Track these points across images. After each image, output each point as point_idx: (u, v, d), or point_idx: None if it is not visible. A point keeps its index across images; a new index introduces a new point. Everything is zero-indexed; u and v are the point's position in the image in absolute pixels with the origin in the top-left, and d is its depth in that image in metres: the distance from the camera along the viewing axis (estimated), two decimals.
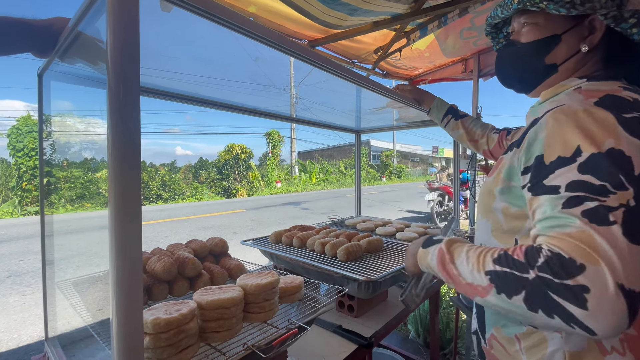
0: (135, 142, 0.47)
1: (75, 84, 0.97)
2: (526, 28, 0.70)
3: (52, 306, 1.03)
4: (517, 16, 0.73)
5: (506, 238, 0.66)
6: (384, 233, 1.62)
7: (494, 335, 0.69)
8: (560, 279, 0.45)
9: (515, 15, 0.73)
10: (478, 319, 0.76)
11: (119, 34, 0.45)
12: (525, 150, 0.58)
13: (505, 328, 0.67)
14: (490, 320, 0.71)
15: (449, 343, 2.36)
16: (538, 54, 0.69)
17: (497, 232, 0.68)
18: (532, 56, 0.70)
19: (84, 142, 13.96)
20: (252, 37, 0.74)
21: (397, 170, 28.28)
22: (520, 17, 0.71)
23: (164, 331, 0.55)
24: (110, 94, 0.45)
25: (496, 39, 0.89)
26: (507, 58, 0.77)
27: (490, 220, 0.70)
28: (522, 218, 0.63)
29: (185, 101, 1.37)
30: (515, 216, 0.64)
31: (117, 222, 0.45)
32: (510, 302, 0.49)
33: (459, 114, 1.27)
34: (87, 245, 5.30)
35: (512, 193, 0.63)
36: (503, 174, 0.65)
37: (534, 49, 0.69)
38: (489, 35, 0.90)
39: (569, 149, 0.51)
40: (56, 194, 10.29)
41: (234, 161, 15.24)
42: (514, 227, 0.65)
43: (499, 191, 0.66)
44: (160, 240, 5.62)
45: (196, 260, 0.92)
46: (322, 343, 1.00)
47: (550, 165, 0.53)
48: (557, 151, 0.53)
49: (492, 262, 0.52)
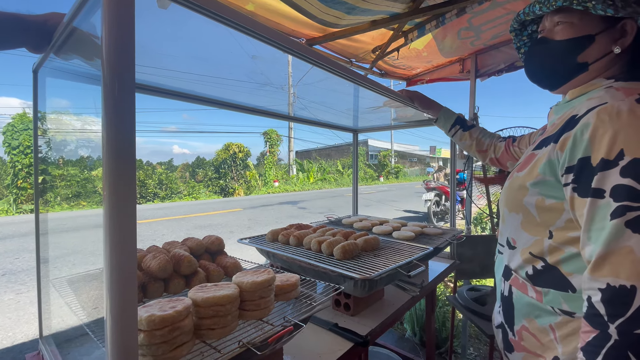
0: (130, 139, 0.47)
1: (71, 80, 0.97)
2: (560, 26, 0.72)
3: (46, 304, 1.02)
4: (550, 15, 0.74)
5: (538, 230, 0.69)
6: (380, 232, 1.62)
7: (525, 327, 0.70)
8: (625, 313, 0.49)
9: (548, 13, 0.74)
10: (505, 313, 0.77)
11: (114, 30, 0.45)
12: (569, 148, 0.60)
13: (540, 319, 0.68)
14: (522, 312, 0.71)
15: (445, 342, 2.37)
16: (572, 52, 0.70)
17: (528, 224, 0.71)
18: (566, 53, 0.71)
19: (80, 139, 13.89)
20: (251, 34, 0.73)
21: (394, 170, 28.34)
22: (555, 16, 0.73)
23: (159, 328, 0.55)
24: (105, 90, 0.45)
25: (519, 36, 0.91)
26: (540, 54, 0.77)
27: (520, 213, 0.72)
28: (557, 210, 0.65)
29: (182, 99, 1.37)
30: (549, 209, 0.66)
31: (112, 219, 0.45)
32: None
33: (467, 125, 1.27)
34: (82, 244, 5.27)
35: (548, 186, 0.65)
36: (539, 168, 0.66)
37: (568, 47, 0.71)
38: (513, 32, 0.90)
39: (613, 152, 0.53)
40: (52, 192, 10.22)
41: (232, 160, 15.22)
42: (548, 220, 0.67)
43: (532, 184, 0.68)
44: (157, 238, 5.60)
45: (192, 258, 0.92)
46: (318, 341, 1.00)
47: (595, 168, 0.55)
48: (601, 153, 0.55)
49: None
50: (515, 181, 0.74)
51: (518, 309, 0.73)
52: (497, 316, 0.83)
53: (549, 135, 0.68)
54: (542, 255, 0.68)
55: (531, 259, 0.70)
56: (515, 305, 0.73)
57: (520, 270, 0.73)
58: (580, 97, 0.71)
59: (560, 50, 0.72)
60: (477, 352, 2.40)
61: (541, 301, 0.67)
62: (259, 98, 1.52)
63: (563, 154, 0.61)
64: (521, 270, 0.72)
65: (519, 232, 0.73)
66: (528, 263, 0.71)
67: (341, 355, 0.93)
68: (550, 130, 0.71)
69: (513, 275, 0.74)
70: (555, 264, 0.66)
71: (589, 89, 0.70)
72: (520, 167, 0.74)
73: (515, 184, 0.73)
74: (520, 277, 0.72)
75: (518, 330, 0.72)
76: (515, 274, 0.74)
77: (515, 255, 0.75)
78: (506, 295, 0.76)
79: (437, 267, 1.70)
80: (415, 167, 36.20)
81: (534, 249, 0.70)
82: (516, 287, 0.73)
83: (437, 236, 1.59)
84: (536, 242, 0.69)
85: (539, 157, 0.68)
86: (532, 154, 0.72)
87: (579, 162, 0.58)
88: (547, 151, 0.65)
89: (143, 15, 0.69)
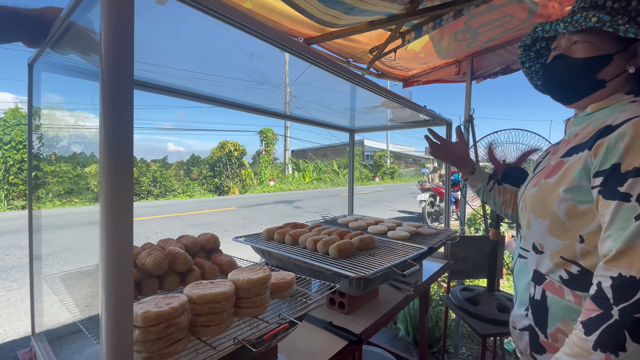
0: (127, 137, 0.47)
1: (67, 75, 0.96)
2: (580, 45, 0.76)
3: (39, 301, 1.01)
4: (569, 34, 0.78)
5: (568, 235, 0.72)
6: (375, 231, 1.63)
7: (561, 329, 0.72)
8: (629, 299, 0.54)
9: (566, 32, 0.78)
10: (536, 316, 0.78)
11: (113, 27, 0.45)
12: (603, 154, 0.64)
13: (575, 321, 0.69)
14: (557, 315, 0.73)
15: (438, 341, 2.39)
16: (592, 69, 0.75)
17: (556, 230, 0.73)
18: (587, 70, 0.76)
19: (74, 135, 13.72)
20: (249, 32, 0.74)
21: (390, 171, 28.44)
22: (574, 35, 0.77)
23: (154, 324, 0.55)
24: (104, 87, 0.45)
25: (527, 51, 0.95)
26: (561, 69, 0.80)
27: (548, 219, 0.75)
28: (589, 216, 0.68)
29: (179, 96, 1.36)
30: (582, 214, 0.69)
31: (108, 216, 0.45)
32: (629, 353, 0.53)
33: (498, 179, 1.20)
34: (74, 241, 5.22)
35: (582, 191, 0.68)
36: (574, 174, 0.69)
37: (589, 64, 0.75)
38: (522, 47, 0.94)
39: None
40: (44, 188, 10.08)
41: (227, 158, 15.15)
42: (579, 225, 0.70)
43: (566, 190, 0.70)
44: (151, 236, 5.56)
45: (187, 255, 0.91)
46: (313, 339, 1.01)
47: (625, 174, 0.60)
48: (634, 162, 0.59)
49: (585, 337, 0.58)
50: (544, 187, 0.76)
51: (553, 312, 0.74)
52: (521, 319, 0.84)
53: (579, 143, 0.73)
54: (575, 259, 0.71)
55: (563, 262, 0.73)
56: (550, 308, 0.75)
57: (552, 274, 0.75)
58: (603, 109, 0.76)
59: (581, 67, 0.76)
60: (469, 352, 2.43)
61: (580, 305, 0.69)
62: (256, 96, 1.51)
63: (596, 159, 0.65)
64: (553, 274, 0.75)
65: (547, 238, 0.76)
66: (560, 267, 0.73)
67: (335, 354, 0.94)
68: (576, 140, 0.75)
69: (547, 280, 0.76)
70: (590, 268, 0.68)
71: (611, 102, 0.75)
72: (548, 174, 0.77)
73: (545, 190, 0.75)
74: (555, 281, 0.74)
75: (552, 333, 0.74)
76: (549, 278, 0.76)
77: (543, 260, 0.77)
78: (538, 299, 0.78)
79: (431, 267, 1.71)
80: (411, 167, 36.40)
81: (564, 253, 0.72)
82: (551, 291, 0.75)
83: (432, 236, 1.60)
84: (566, 246, 0.72)
85: (571, 164, 0.71)
86: (561, 161, 0.75)
87: (611, 168, 0.62)
88: (583, 157, 0.69)
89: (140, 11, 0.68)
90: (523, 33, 1.87)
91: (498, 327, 1.46)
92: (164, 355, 0.57)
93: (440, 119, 1.88)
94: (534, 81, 1.02)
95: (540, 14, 1.63)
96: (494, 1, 1.50)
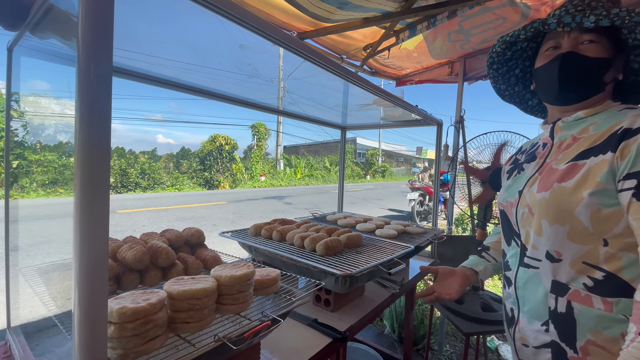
0: (105, 125, 0.45)
1: (48, 61, 0.92)
2: (591, 45, 0.74)
3: (15, 293, 0.98)
4: (579, 32, 0.75)
5: (591, 240, 0.69)
6: (364, 229, 1.63)
7: (592, 341, 0.69)
8: None
9: (574, 30, 0.75)
10: (561, 330, 0.73)
11: (92, 6, 0.43)
12: (634, 156, 0.63)
13: (608, 329, 0.67)
14: (587, 326, 0.70)
15: (423, 339, 2.42)
16: (601, 70, 0.75)
17: (578, 235, 0.70)
18: (597, 70, 0.75)
19: (60, 124, 13.35)
20: (241, 23, 0.72)
21: (381, 169, 28.59)
22: (585, 34, 0.74)
23: (131, 321, 0.53)
24: (80, 72, 0.43)
25: (505, 50, 0.91)
26: (572, 67, 0.77)
27: (567, 224, 0.71)
28: (614, 219, 0.66)
29: (168, 86, 1.33)
30: (607, 217, 0.67)
31: (83, 209, 0.43)
32: None
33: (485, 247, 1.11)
34: (59, 232, 5.10)
35: (608, 194, 0.66)
36: (600, 177, 0.67)
37: (600, 65, 0.74)
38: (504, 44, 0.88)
39: None
40: (27, 177, 9.81)
41: (218, 152, 14.98)
42: (603, 229, 0.67)
43: (592, 194, 0.67)
44: (137, 229, 5.47)
45: (170, 249, 0.89)
46: (297, 336, 1.00)
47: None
48: None
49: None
50: (561, 192, 0.72)
51: (582, 324, 0.70)
52: (538, 335, 0.78)
53: (593, 146, 0.71)
54: (598, 264, 0.68)
55: (586, 268, 0.70)
56: (579, 320, 0.70)
57: (575, 283, 0.71)
58: (598, 114, 0.76)
59: (593, 66, 0.74)
60: (452, 350, 2.46)
61: (611, 311, 0.67)
62: (247, 89, 1.49)
63: (623, 161, 0.64)
64: (576, 282, 0.71)
65: (566, 244, 0.72)
66: (582, 274, 0.70)
67: (319, 351, 0.94)
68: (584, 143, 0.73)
69: (572, 289, 0.72)
70: (616, 272, 0.67)
71: (604, 108, 0.76)
72: (561, 179, 0.73)
73: (563, 194, 0.71)
74: (581, 290, 0.70)
75: (582, 347, 0.70)
76: (574, 288, 0.72)
77: (562, 268, 0.73)
78: (562, 311, 0.73)
79: (417, 265, 1.72)
80: (402, 166, 36.65)
81: (587, 259, 0.69)
82: (578, 302, 0.71)
83: (419, 235, 1.61)
84: (589, 251, 0.69)
85: (592, 166, 0.69)
86: (574, 164, 0.72)
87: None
88: (608, 160, 0.67)
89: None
90: None
91: (481, 326, 1.48)
92: (140, 352, 0.55)
93: (431, 119, 1.89)
94: (498, 84, 0.99)
95: (532, 18, 1.64)
96: (488, 3, 1.50)
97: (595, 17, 0.70)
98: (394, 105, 1.57)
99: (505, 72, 0.97)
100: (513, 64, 0.96)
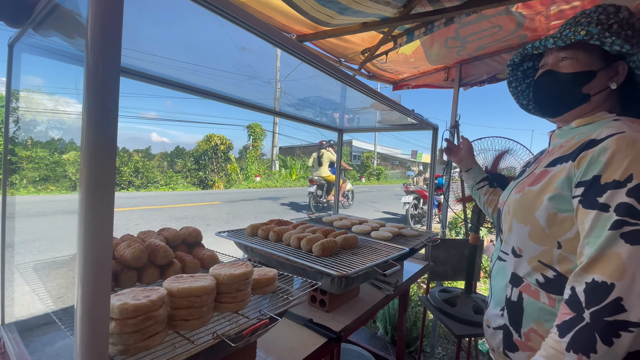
0: (112, 124, 0.46)
1: (49, 58, 0.92)
2: (567, 61, 0.81)
3: (9, 290, 0.98)
4: (556, 50, 0.83)
5: (546, 241, 0.75)
6: (359, 231, 1.65)
7: (534, 330, 0.76)
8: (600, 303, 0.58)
9: (554, 49, 0.83)
10: (511, 316, 0.82)
11: (101, 11, 0.44)
12: (585, 166, 0.68)
13: (549, 322, 0.74)
14: (532, 316, 0.77)
15: (415, 341, 2.44)
16: (578, 83, 0.80)
17: (536, 236, 0.77)
18: (573, 84, 0.80)
19: (52, 120, 13.18)
20: (241, 25, 0.73)
21: (376, 172, 28.66)
22: (561, 52, 0.82)
23: (131, 317, 0.54)
24: (88, 73, 0.44)
25: (515, 71, 1.00)
26: (549, 84, 0.85)
27: (529, 225, 0.78)
28: (568, 223, 0.72)
29: (165, 85, 1.33)
30: (562, 221, 0.72)
31: (89, 207, 0.44)
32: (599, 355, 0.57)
33: (494, 184, 1.32)
34: (49, 230, 5.03)
35: (564, 200, 0.72)
36: (557, 183, 0.73)
37: (575, 79, 0.80)
38: (510, 67, 0.99)
39: (624, 174, 0.62)
40: (18, 174, 9.66)
41: (213, 152, 14.88)
42: (557, 232, 0.73)
43: (550, 198, 0.74)
44: (130, 228, 5.42)
45: (168, 248, 0.90)
46: (292, 336, 1.01)
47: (605, 186, 0.63)
48: (614, 175, 0.63)
49: (559, 339, 0.61)
50: (528, 194, 0.80)
51: (528, 313, 0.78)
52: (496, 318, 0.88)
53: (563, 154, 0.76)
54: (551, 264, 0.75)
55: (540, 266, 0.76)
56: (526, 309, 0.78)
57: (529, 277, 0.79)
58: (587, 125, 0.80)
59: (568, 81, 0.81)
60: (445, 352, 2.49)
61: (554, 307, 0.73)
62: (245, 90, 1.50)
63: (578, 170, 0.69)
64: (530, 277, 0.79)
65: (527, 242, 0.79)
66: (537, 271, 0.77)
67: (314, 351, 0.95)
68: (560, 151, 0.79)
69: (525, 282, 0.80)
70: (565, 273, 0.72)
71: (595, 119, 0.80)
72: (532, 182, 0.80)
73: (529, 196, 0.79)
74: (532, 284, 0.78)
75: (526, 333, 0.78)
76: (527, 281, 0.79)
77: (521, 263, 0.81)
78: (514, 300, 0.81)
79: (411, 267, 1.75)
80: (397, 169, 36.79)
81: (542, 258, 0.76)
82: (527, 294, 0.79)
83: (414, 238, 1.63)
84: (544, 251, 0.76)
85: (554, 173, 0.75)
86: (545, 170, 0.79)
87: (592, 179, 0.66)
88: (567, 168, 0.72)
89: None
90: (511, 44, 1.92)
91: (473, 328, 1.51)
92: (140, 348, 0.56)
93: (427, 124, 1.91)
94: (520, 100, 1.07)
95: (527, 27, 1.68)
96: (484, 11, 1.53)
97: (553, 40, 0.79)
98: (390, 109, 1.59)
99: (524, 89, 1.04)
100: (531, 80, 1.03)
